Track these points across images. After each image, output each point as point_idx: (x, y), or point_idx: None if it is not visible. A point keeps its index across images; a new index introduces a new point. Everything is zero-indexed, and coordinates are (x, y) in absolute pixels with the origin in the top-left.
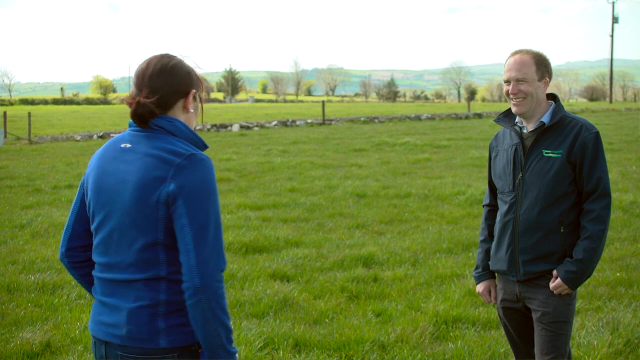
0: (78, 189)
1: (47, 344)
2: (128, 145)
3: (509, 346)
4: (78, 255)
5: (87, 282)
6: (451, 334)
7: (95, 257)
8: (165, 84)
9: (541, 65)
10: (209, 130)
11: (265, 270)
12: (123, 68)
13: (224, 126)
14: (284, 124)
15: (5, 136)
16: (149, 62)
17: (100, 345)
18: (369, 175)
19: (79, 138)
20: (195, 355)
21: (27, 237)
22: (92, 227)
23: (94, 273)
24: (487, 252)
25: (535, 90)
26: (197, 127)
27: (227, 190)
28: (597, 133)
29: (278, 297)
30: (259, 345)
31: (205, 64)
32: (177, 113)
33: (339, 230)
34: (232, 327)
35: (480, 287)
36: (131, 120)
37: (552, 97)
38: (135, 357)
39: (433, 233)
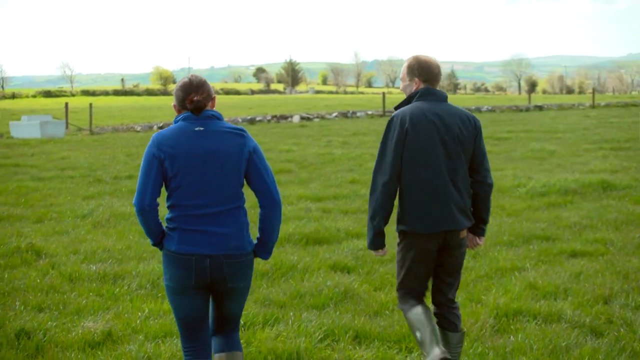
0: (149, 163)
1: (109, 333)
2: (201, 129)
3: (569, 339)
4: (155, 205)
5: (157, 223)
6: (512, 327)
7: (188, 201)
8: (205, 91)
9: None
10: (269, 121)
11: (325, 262)
12: (183, 59)
13: (284, 117)
14: (344, 115)
15: (67, 127)
16: (190, 79)
17: (202, 260)
18: None
19: (139, 129)
20: (254, 255)
21: (88, 227)
22: (182, 182)
23: (192, 210)
24: None
25: (404, 89)
26: (258, 118)
27: (287, 182)
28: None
29: (338, 288)
30: (319, 337)
31: (266, 54)
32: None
33: None
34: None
35: None
36: (187, 113)
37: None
38: (234, 260)
39: (493, 225)
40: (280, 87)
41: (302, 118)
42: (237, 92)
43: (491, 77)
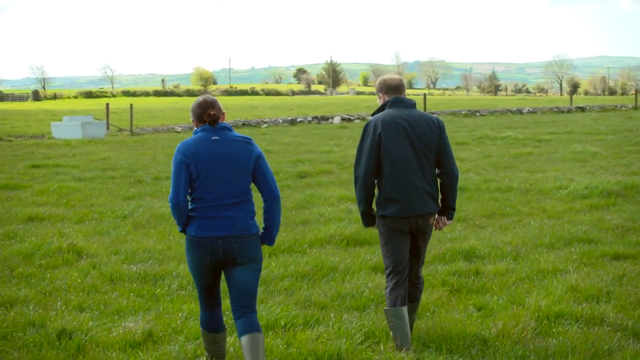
0: (179, 167)
1: (149, 333)
2: (217, 138)
3: (611, 342)
4: (187, 200)
5: (187, 214)
6: (553, 329)
7: (207, 195)
8: (217, 107)
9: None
10: (309, 122)
11: (366, 263)
12: (223, 59)
13: (325, 118)
14: None
15: (107, 127)
16: (204, 98)
17: (215, 241)
18: (470, 169)
19: (179, 129)
20: (259, 237)
21: (129, 227)
22: (203, 181)
23: (210, 202)
24: None
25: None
26: (299, 119)
27: (328, 183)
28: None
29: (379, 290)
30: (360, 339)
31: (306, 55)
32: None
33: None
34: (333, 317)
35: None
36: (205, 126)
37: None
38: (241, 240)
39: (535, 227)
40: (321, 88)
41: (343, 119)
42: (278, 93)
43: (532, 79)
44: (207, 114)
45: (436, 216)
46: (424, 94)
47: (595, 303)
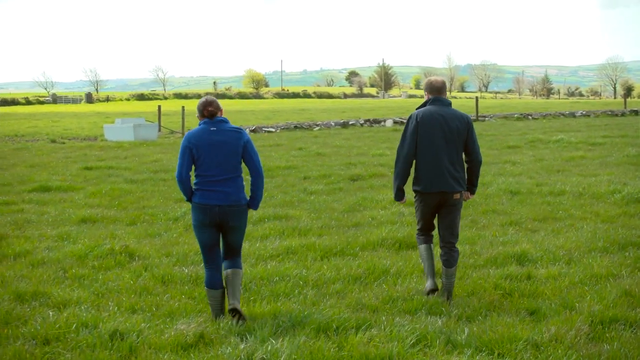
0: (184, 151)
1: (201, 335)
2: (215, 128)
3: None
4: (189, 177)
5: (189, 187)
6: (607, 334)
7: (208, 174)
8: (215, 105)
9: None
10: (362, 125)
11: (418, 267)
12: (275, 62)
13: (377, 121)
14: None
15: (159, 130)
16: (205, 98)
17: (213, 208)
18: (522, 172)
19: None
20: (247, 207)
21: (180, 230)
22: (204, 162)
23: (209, 178)
24: None
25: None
26: (351, 122)
27: (380, 186)
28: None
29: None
30: (411, 342)
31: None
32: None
33: (493, 227)
34: (384, 320)
35: None
36: (206, 119)
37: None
38: (233, 208)
39: (588, 231)
40: (373, 91)
41: (395, 122)
42: (330, 96)
43: (586, 82)
44: (207, 110)
45: (462, 193)
46: (476, 97)
47: None
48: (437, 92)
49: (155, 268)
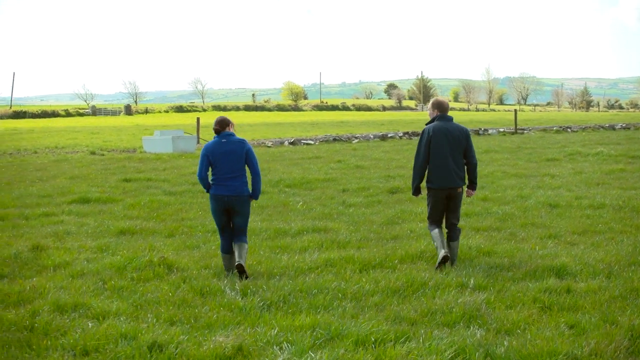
0: (203, 158)
1: (239, 347)
2: (225, 140)
3: None
4: (206, 176)
5: (208, 183)
6: None
7: (220, 174)
8: (225, 123)
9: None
10: (400, 137)
11: (456, 279)
12: (314, 74)
13: (416, 134)
14: (476, 132)
15: (198, 142)
16: (218, 117)
17: (223, 197)
18: (561, 185)
19: (270, 144)
20: (250, 198)
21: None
22: (217, 165)
23: (221, 176)
24: None
25: (430, 114)
26: (389, 135)
27: (419, 199)
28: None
29: (469, 306)
30: (450, 355)
31: (397, 70)
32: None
33: (531, 240)
34: (423, 333)
35: None
36: (220, 134)
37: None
38: (239, 198)
39: (628, 245)
40: (411, 103)
41: None
42: (369, 108)
43: (625, 94)
44: (219, 125)
45: (465, 188)
46: (515, 110)
47: None
48: (444, 110)
49: (194, 280)
